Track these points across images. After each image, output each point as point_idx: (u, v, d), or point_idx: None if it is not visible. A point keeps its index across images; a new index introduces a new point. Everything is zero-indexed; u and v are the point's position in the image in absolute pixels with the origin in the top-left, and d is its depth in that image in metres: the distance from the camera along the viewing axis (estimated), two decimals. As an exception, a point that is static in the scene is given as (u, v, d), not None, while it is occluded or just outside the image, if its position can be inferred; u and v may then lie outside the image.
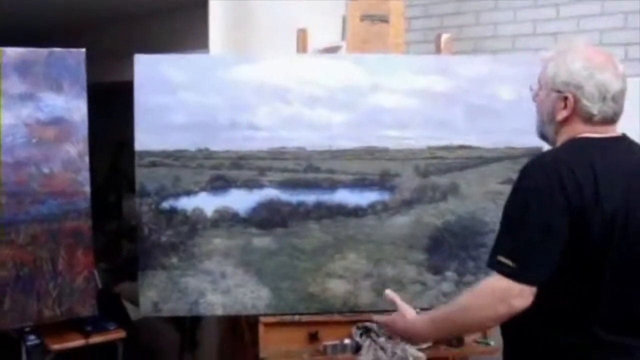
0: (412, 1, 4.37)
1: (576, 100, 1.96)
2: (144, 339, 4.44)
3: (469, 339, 3.42)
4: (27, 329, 3.59)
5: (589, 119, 1.97)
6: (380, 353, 3.25)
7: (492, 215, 3.42)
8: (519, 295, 1.85)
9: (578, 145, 1.96)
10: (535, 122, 2.14)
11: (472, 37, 4.16)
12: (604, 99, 1.95)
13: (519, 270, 1.86)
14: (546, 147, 3.35)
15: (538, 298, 1.87)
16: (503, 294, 1.86)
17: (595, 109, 1.96)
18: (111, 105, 4.76)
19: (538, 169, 1.93)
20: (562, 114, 1.99)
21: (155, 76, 3.28)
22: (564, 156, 1.94)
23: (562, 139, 2.02)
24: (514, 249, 1.89)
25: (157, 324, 4.53)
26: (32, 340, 3.58)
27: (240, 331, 3.98)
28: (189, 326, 4.47)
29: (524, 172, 1.96)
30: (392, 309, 3.32)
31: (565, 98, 1.98)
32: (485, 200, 3.42)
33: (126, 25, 4.76)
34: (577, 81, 1.96)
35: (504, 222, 1.94)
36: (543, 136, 2.13)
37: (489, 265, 1.91)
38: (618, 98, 1.97)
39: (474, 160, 3.41)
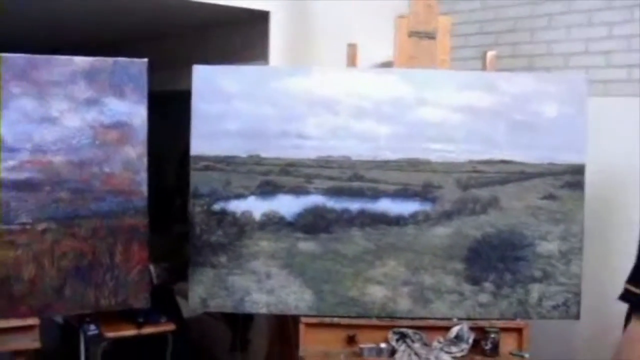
0: (468, 18, 4.47)
1: None
2: (197, 336, 4.66)
3: (504, 350, 3.48)
4: (88, 320, 3.86)
5: None
6: (415, 358, 3.36)
7: (533, 230, 3.50)
8: None
9: None
10: None
11: (526, 55, 4.22)
12: None
13: None
14: (589, 164, 3.43)
15: None
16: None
17: None
18: (179, 114, 5.02)
19: None
20: None
21: (212, 86, 3.50)
22: None
23: None
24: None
25: (211, 322, 4.75)
26: (92, 330, 3.86)
27: (287, 333, 4.13)
28: (241, 325, 4.66)
29: None
30: (428, 316, 3.46)
31: None
32: (525, 215, 3.49)
33: (190, 37, 5.01)
34: None
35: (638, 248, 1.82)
36: None
37: (620, 298, 1.82)
38: None
39: (515, 175, 3.49)
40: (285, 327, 4.18)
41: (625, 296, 1.80)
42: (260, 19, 4.24)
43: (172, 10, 4.33)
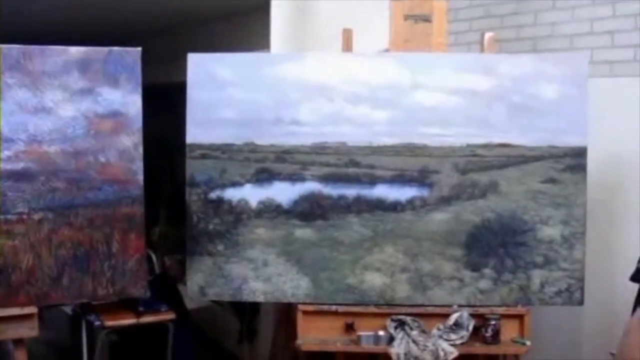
0: (472, 2, 4.40)
1: None
2: (206, 326, 4.67)
3: (505, 337, 3.41)
4: (90, 309, 3.90)
5: None
6: (412, 345, 3.31)
7: (533, 214, 3.42)
8: None
9: None
10: None
11: (531, 37, 4.13)
12: None
13: None
14: (590, 145, 3.34)
15: None
16: None
17: None
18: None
19: None
20: None
21: (206, 73, 3.49)
22: None
23: None
24: None
25: (219, 313, 4.75)
26: (93, 319, 3.89)
27: (293, 322, 4.11)
28: (247, 316, 4.66)
29: None
30: (427, 303, 3.41)
31: None
32: (525, 199, 3.42)
33: (195, 30, 5.03)
34: None
35: None
36: None
37: (631, 278, 1.72)
38: None
39: (515, 158, 3.41)
40: (290, 315, 4.16)
41: (636, 276, 1.70)
42: (261, 8, 4.23)
43: (175, 2, 4.34)
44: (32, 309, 3.32)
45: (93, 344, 3.94)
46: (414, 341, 3.33)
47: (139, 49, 3.41)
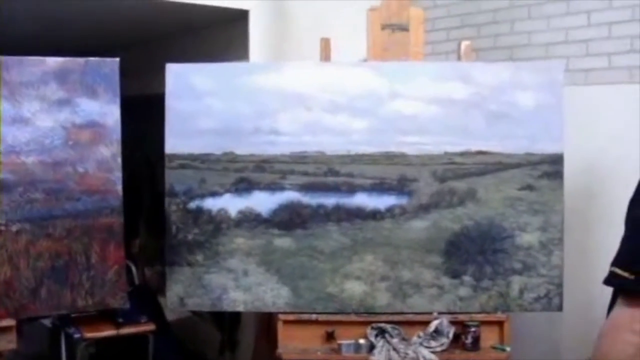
0: (449, 11, 4.44)
1: None
2: (187, 338, 4.64)
3: (485, 344, 3.42)
4: (69, 321, 3.87)
5: None
6: (393, 353, 3.32)
7: (511, 221, 3.44)
8: None
9: None
10: None
11: (508, 46, 4.17)
12: None
13: (638, 282, 1.64)
14: (567, 153, 3.38)
15: None
16: (631, 321, 1.63)
17: None
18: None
19: None
20: None
21: (185, 84, 3.49)
22: None
23: None
24: (633, 259, 1.69)
25: (200, 324, 4.73)
26: (72, 331, 3.86)
27: (273, 331, 4.10)
28: (228, 326, 4.64)
29: None
30: (407, 311, 3.42)
31: None
32: (503, 206, 3.44)
33: (173, 39, 5.04)
34: None
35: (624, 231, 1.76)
36: None
37: (605, 282, 1.73)
38: None
39: (493, 166, 3.44)
40: (271, 325, 4.15)
41: (610, 280, 1.71)
42: (239, 18, 4.23)
43: (153, 13, 4.34)
44: (10, 322, 3.28)
45: (72, 356, 3.92)
46: (395, 349, 3.33)
47: (117, 59, 3.42)
